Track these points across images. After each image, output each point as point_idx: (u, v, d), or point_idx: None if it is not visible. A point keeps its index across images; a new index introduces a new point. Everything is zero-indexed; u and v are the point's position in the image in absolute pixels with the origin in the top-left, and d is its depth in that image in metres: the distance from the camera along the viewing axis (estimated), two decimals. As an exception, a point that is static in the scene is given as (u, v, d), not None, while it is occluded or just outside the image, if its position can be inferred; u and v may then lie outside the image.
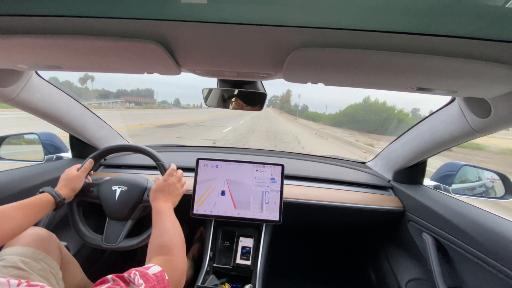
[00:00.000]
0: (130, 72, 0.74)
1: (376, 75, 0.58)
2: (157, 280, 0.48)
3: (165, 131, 11.64)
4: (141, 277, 0.46)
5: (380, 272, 1.28)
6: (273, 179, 1.09)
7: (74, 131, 1.19)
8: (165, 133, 10.76)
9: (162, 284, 0.49)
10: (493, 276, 0.71)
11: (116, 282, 0.42)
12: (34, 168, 1.10)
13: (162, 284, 0.49)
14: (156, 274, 0.50)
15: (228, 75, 0.73)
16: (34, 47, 0.57)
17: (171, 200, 0.83)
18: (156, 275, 0.49)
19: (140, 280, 0.45)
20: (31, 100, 0.92)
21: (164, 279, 0.50)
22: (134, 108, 43.33)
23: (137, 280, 0.44)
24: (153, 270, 0.50)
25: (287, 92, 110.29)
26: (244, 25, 0.47)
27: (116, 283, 0.42)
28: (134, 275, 0.45)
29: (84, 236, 0.92)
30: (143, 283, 0.45)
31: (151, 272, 0.49)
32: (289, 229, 1.51)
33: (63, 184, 0.85)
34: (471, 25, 0.42)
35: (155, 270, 0.50)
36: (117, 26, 0.51)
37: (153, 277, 0.48)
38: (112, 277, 0.43)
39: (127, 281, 0.43)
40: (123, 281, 0.43)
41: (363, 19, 0.44)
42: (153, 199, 0.81)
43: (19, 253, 0.71)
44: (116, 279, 0.43)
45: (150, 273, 0.48)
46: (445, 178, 1.15)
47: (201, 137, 9.87)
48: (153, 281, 0.47)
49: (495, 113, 0.67)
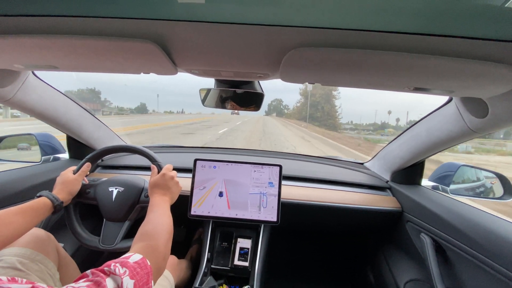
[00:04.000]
0: (126, 72, 0.74)
1: (373, 75, 0.58)
2: (140, 267, 0.48)
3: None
4: (122, 266, 0.46)
5: (378, 273, 1.27)
6: (271, 183, 1.08)
7: (71, 132, 1.19)
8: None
9: (145, 269, 0.49)
10: (492, 276, 0.71)
11: (96, 275, 0.42)
12: (31, 169, 1.10)
13: (145, 269, 0.49)
14: (138, 261, 0.50)
15: (225, 75, 0.73)
16: (30, 47, 0.56)
17: (168, 195, 0.83)
18: (138, 262, 0.49)
19: (122, 269, 0.45)
20: (28, 100, 0.91)
21: (147, 265, 0.50)
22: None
23: (118, 270, 0.44)
24: (133, 259, 0.50)
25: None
26: (240, 25, 0.47)
27: (95, 276, 0.42)
28: (114, 267, 0.45)
29: (81, 238, 0.91)
30: (127, 270, 0.45)
31: (131, 260, 0.49)
32: (287, 229, 1.50)
33: (60, 188, 0.84)
34: (468, 24, 0.42)
35: (135, 258, 0.50)
36: (113, 26, 0.50)
37: (134, 265, 0.48)
38: (92, 271, 0.43)
39: (107, 273, 0.43)
40: (103, 273, 0.43)
41: (359, 19, 0.44)
42: (151, 194, 0.83)
43: (17, 254, 0.71)
44: (95, 272, 0.43)
45: (131, 262, 0.49)
46: (443, 178, 1.15)
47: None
48: (135, 268, 0.47)
49: (492, 113, 0.67)
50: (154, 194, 0.81)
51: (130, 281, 0.44)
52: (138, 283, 0.45)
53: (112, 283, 0.42)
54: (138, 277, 0.46)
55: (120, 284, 0.42)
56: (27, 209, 0.70)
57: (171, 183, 0.86)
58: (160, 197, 0.80)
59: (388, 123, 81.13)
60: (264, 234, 1.11)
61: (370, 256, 1.38)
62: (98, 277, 0.42)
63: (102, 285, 0.40)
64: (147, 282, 0.48)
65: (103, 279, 0.41)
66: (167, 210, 0.77)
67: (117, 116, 42.39)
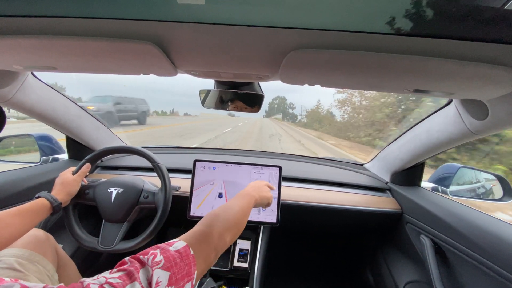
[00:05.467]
0: (126, 73, 0.74)
1: (373, 77, 0.58)
2: (180, 257, 0.44)
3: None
4: (161, 253, 0.43)
5: (378, 274, 1.27)
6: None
7: (70, 133, 1.18)
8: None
9: (187, 259, 0.45)
10: (491, 278, 0.71)
11: (132, 264, 0.40)
12: (30, 169, 1.09)
13: (187, 259, 0.45)
14: (180, 250, 0.46)
15: (225, 76, 0.73)
16: (29, 48, 0.56)
17: (258, 195, 0.78)
18: (180, 251, 0.45)
19: (158, 257, 0.42)
20: (27, 101, 0.91)
21: (189, 254, 0.46)
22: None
23: (151, 260, 0.41)
24: (176, 246, 0.46)
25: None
26: (241, 26, 0.47)
27: (131, 265, 0.40)
28: (151, 255, 0.42)
29: (80, 239, 0.91)
30: (162, 259, 0.42)
31: (173, 248, 0.45)
32: (287, 231, 1.50)
33: (59, 189, 0.84)
34: (468, 26, 0.42)
35: (178, 246, 0.46)
36: (113, 27, 0.50)
37: (175, 254, 0.44)
38: (129, 259, 0.42)
39: (142, 262, 0.41)
40: (138, 262, 0.41)
41: (360, 21, 0.44)
42: (249, 187, 0.80)
43: (15, 255, 0.71)
44: (132, 260, 0.41)
45: (172, 250, 0.45)
46: (443, 180, 1.15)
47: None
48: (174, 258, 0.43)
49: (492, 115, 0.67)
50: (249, 189, 0.79)
51: (164, 273, 0.40)
52: (174, 275, 0.41)
53: (144, 275, 0.39)
54: (176, 269, 0.42)
55: (149, 277, 0.39)
56: (26, 211, 0.70)
57: (267, 193, 0.82)
58: (250, 193, 0.76)
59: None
60: (264, 235, 1.10)
61: (370, 257, 1.38)
62: (132, 267, 0.39)
63: (133, 278, 0.38)
64: (189, 273, 0.44)
65: (137, 271, 0.39)
66: (246, 205, 0.71)
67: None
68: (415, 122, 1.04)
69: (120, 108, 10.93)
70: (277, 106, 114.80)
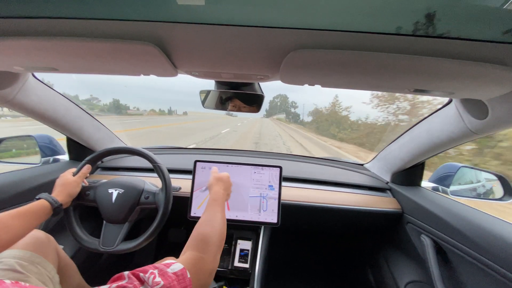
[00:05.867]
0: (126, 74, 0.74)
1: (373, 77, 0.58)
2: (177, 280, 0.46)
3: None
4: (159, 275, 0.44)
5: (378, 274, 1.27)
6: (271, 186, 1.08)
7: (71, 133, 1.19)
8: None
9: (183, 283, 0.46)
10: (492, 278, 0.70)
11: (131, 280, 0.41)
12: (30, 170, 1.09)
13: (183, 283, 0.46)
14: (177, 273, 0.47)
15: (225, 76, 0.73)
16: (30, 49, 0.56)
17: (227, 191, 0.84)
18: (177, 274, 0.47)
19: (157, 279, 0.43)
20: (28, 102, 0.92)
21: (186, 277, 0.48)
22: None
23: (151, 280, 0.42)
24: (173, 269, 0.47)
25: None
26: (241, 27, 0.47)
27: (130, 281, 0.41)
28: (151, 274, 0.43)
29: (81, 240, 0.91)
30: (161, 281, 0.43)
31: (171, 270, 0.47)
32: (288, 231, 1.50)
33: (59, 190, 0.84)
34: (468, 26, 0.43)
35: (176, 268, 0.48)
36: (113, 28, 0.51)
37: (172, 276, 0.46)
38: (128, 274, 0.42)
39: (142, 280, 0.42)
40: (137, 279, 0.42)
41: (359, 21, 0.44)
42: (214, 184, 0.83)
43: (16, 256, 0.70)
44: (131, 276, 0.41)
45: (170, 272, 0.46)
46: (443, 179, 1.15)
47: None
48: (172, 280, 0.45)
49: (492, 114, 0.67)
50: (216, 185, 0.81)
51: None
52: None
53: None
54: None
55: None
56: (26, 212, 0.70)
57: (229, 184, 0.87)
58: (222, 191, 0.80)
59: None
60: (264, 235, 1.10)
61: (370, 257, 1.37)
62: (131, 285, 0.40)
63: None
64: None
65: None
66: (223, 207, 0.76)
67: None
68: (416, 121, 1.04)
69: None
70: (279, 105, 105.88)
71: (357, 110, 25.79)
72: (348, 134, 14.44)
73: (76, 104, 1.13)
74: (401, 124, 8.77)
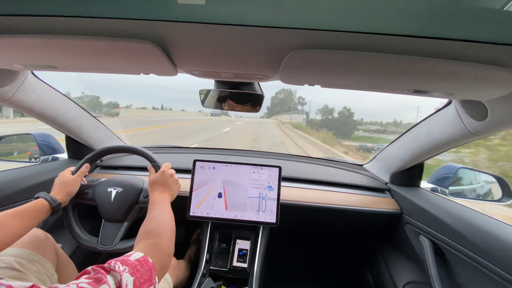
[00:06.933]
0: (126, 73, 0.74)
1: (373, 77, 0.58)
2: (140, 265, 0.48)
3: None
4: (122, 264, 0.46)
5: (377, 274, 1.27)
6: (270, 187, 1.08)
7: (70, 132, 1.18)
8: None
9: (147, 266, 0.49)
10: (491, 279, 0.71)
11: (97, 272, 0.43)
12: (29, 169, 1.09)
13: (147, 266, 0.49)
14: (139, 259, 0.50)
15: (225, 76, 0.73)
16: (30, 47, 0.56)
17: (168, 192, 0.84)
18: (139, 260, 0.49)
19: (122, 267, 0.45)
20: (27, 100, 0.91)
21: (148, 262, 0.50)
22: None
23: (118, 268, 0.44)
24: (134, 257, 0.50)
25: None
26: (241, 26, 0.47)
27: (96, 272, 0.42)
28: (115, 264, 0.45)
29: (79, 239, 0.91)
30: (126, 267, 0.46)
31: (132, 258, 0.49)
32: (287, 231, 1.50)
33: (58, 189, 0.84)
34: (467, 27, 0.43)
35: (136, 256, 0.50)
36: (113, 26, 0.50)
37: (134, 262, 0.48)
38: (93, 268, 0.44)
39: (107, 270, 0.44)
40: (103, 269, 0.43)
41: (360, 21, 0.44)
42: (151, 190, 0.83)
43: (15, 254, 0.70)
44: (96, 268, 0.43)
45: (131, 260, 0.49)
46: (442, 180, 1.15)
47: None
48: (135, 265, 0.47)
49: (491, 115, 0.67)
50: (154, 192, 0.82)
51: (130, 278, 0.44)
52: (138, 280, 0.46)
53: (112, 280, 0.42)
54: (138, 274, 0.46)
55: (119, 281, 0.43)
56: (24, 212, 0.70)
57: (170, 181, 0.87)
58: (160, 194, 0.81)
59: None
60: (263, 235, 1.10)
61: (369, 257, 1.38)
62: (99, 274, 0.42)
63: (102, 281, 0.41)
64: (150, 278, 0.48)
65: (104, 276, 0.42)
66: (168, 207, 0.78)
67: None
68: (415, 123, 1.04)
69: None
70: (282, 102, 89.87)
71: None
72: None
73: (76, 103, 1.13)
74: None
